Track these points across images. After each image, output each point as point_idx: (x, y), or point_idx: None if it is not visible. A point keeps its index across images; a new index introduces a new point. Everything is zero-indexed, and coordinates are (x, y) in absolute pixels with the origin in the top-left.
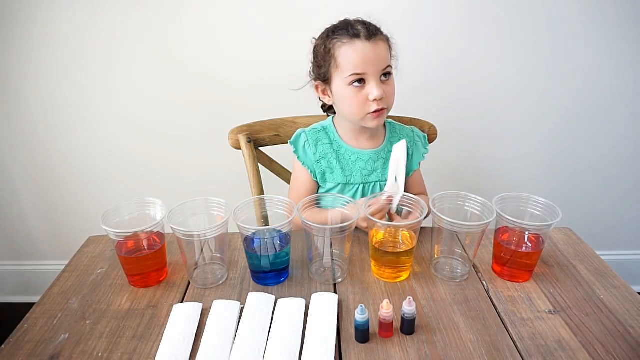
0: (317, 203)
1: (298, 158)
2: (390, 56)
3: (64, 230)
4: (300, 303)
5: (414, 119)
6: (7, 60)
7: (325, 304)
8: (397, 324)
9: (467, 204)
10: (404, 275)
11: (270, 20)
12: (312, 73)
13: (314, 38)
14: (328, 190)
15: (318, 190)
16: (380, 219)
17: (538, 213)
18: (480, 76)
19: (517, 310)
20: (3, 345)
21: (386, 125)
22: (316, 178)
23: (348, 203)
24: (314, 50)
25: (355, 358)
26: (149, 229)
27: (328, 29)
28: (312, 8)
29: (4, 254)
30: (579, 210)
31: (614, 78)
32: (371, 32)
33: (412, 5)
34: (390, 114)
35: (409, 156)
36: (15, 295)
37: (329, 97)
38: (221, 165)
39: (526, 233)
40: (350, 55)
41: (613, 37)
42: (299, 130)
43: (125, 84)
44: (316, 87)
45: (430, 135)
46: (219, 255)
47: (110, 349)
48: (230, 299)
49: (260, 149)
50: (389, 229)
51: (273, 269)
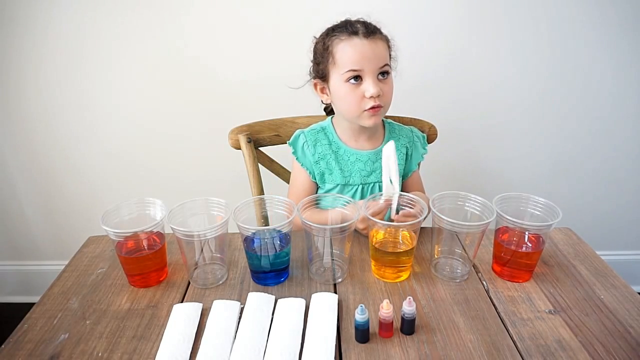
0: (317, 203)
1: (297, 159)
2: (390, 56)
3: (64, 230)
4: (300, 303)
5: (414, 119)
6: (8, 60)
7: (325, 304)
8: (397, 324)
9: (467, 204)
10: (404, 275)
11: (270, 20)
12: (312, 71)
13: (314, 37)
14: (327, 191)
15: (317, 191)
16: (382, 219)
17: (538, 213)
18: (481, 76)
19: (517, 310)
20: (3, 345)
21: (385, 126)
22: (315, 179)
23: (348, 203)
24: (314, 48)
25: (355, 358)
26: (149, 229)
27: (328, 27)
28: (312, 8)
29: (4, 254)
30: (579, 210)
31: (614, 78)
32: (370, 30)
33: (412, 5)
34: (390, 114)
35: (408, 157)
36: (15, 295)
37: (327, 95)
38: (221, 165)
39: (526, 233)
40: (347, 51)
41: (614, 37)
42: (297, 131)
43: (126, 84)
44: (315, 85)
45: (430, 135)
46: (219, 255)
47: (110, 349)
48: (230, 299)
49: (260, 149)
50: (389, 229)
51: (273, 269)
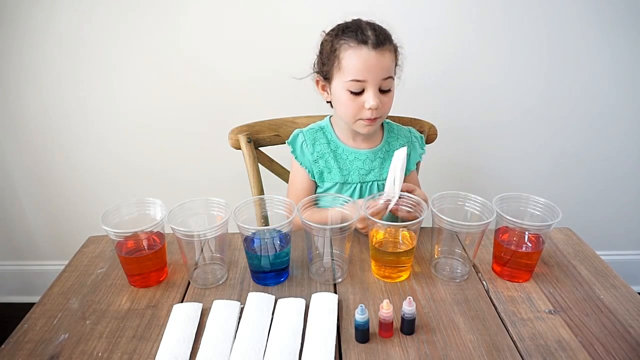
0: (316, 203)
1: (296, 158)
2: (396, 65)
3: (64, 230)
4: (300, 303)
5: (414, 119)
6: (8, 60)
7: (325, 304)
8: (397, 324)
9: (467, 204)
10: (404, 275)
11: (270, 20)
12: (316, 66)
13: (323, 31)
14: (326, 190)
15: (316, 190)
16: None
17: (538, 213)
18: (481, 76)
19: (517, 310)
20: (3, 345)
21: (384, 126)
22: (314, 178)
23: (347, 202)
24: (321, 45)
25: (355, 358)
26: (149, 229)
27: (339, 26)
28: (313, 8)
29: (4, 254)
30: (579, 210)
31: (614, 78)
32: (379, 41)
33: (412, 5)
34: (389, 114)
35: (407, 157)
36: (15, 295)
37: (327, 94)
38: (221, 165)
39: (526, 233)
40: (353, 60)
41: (614, 37)
42: (296, 131)
43: (126, 84)
44: (317, 82)
45: (430, 135)
46: (219, 255)
47: (110, 349)
48: (230, 299)
49: (260, 149)
50: (389, 229)
51: (273, 269)
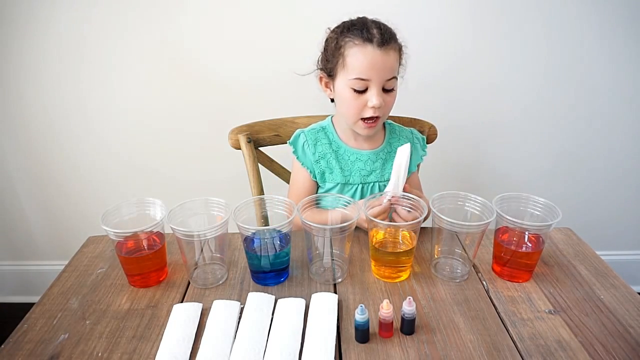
0: (317, 203)
1: (297, 158)
2: (399, 63)
3: (64, 230)
4: (300, 303)
5: (414, 119)
6: (8, 60)
7: (325, 304)
8: (397, 324)
9: (467, 204)
10: (404, 275)
11: (270, 20)
12: (320, 62)
13: (328, 28)
14: (327, 190)
15: (317, 191)
16: (384, 219)
17: (538, 213)
18: (481, 76)
19: (517, 310)
20: (3, 345)
21: (385, 126)
22: (315, 178)
23: (348, 203)
24: (326, 42)
25: (355, 358)
26: (149, 229)
27: (345, 23)
28: (313, 8)
29: (4, 254)
30: (579, 210)
31: (614, 78)
32: (384, 40)
33: (411, 5)
34: (390, 114)
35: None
36: (15, 295)
37: (330, 91)
38: (221, 165)
39: (526, 233)
40: (358, 58)
41: (615, 38)
42: (297, 131)
43: (126, 84)
44: (320, 79)
45: (430, 135)
46: (218, 255)
47: (110, 349)
48: (230, 299)
49: (260, 149)
50: (389, 229)
51: (273, 269)
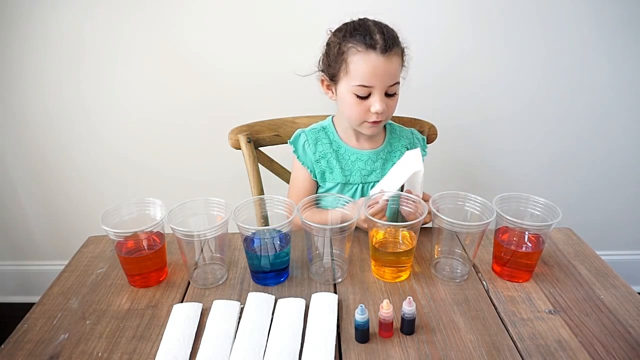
0: (317, 203)
1: (298, 158)
2: (402, 66)
3: (64, 230)
4: (300, 303)
5: (414, 119)
6: (8, 60)
7: (325, 304)
8: (397, 324)
9: (467, 204)
10: (404, 275)
11: (270, 20)
12: (321, 65)
13: (330, 30)
14: (327, 190)
15: (317, 190)
16: (381, 219)
17: (538, 213)
18: (481, 76)
19: (517, 310)
20: (3, 345)
21: (386, 127)
22: (316, 177)
23: (348, 203)
24: (327, 45)
25: (355, 358)
26: (149, 229)
27: (346, 27)
28: (313, 8)
29: (4, 254)
30: (579, 210)
31: (614, 77)
32: (387, 46)
33: (412, 5)
34: None
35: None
36: (15, 295)
37: (332, 94)
38: (221, 165)
39: (526, 233)
40: (361, 66)
41: (613, 37)
42: (298, 130)
43: (126, 84)
44: (322, 81)
45: (430, 135)
46: (218, 255)
47: (110, 349)
48: (230, 299)
49: (260, 149)
50: (389, 229)
51: (273, 269)
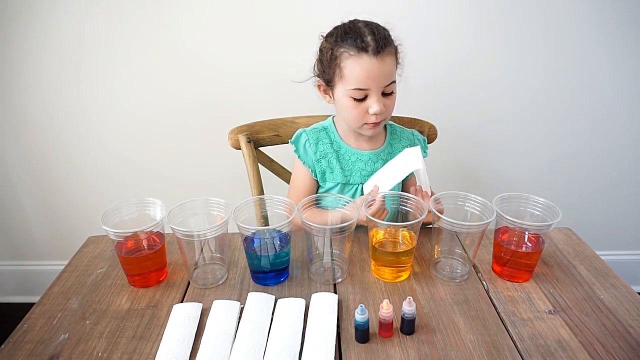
0: (317, 203)
1: (299, 157)
2: (396, 65)
3: (64, 230)
4: (300, 303)
5: (414, 119)
6: (8, 60)
7: (325, 304)
8: (397, 324)
9: (467, 204)
10: (404, 275)
11: (270, 20)
12: (316, 70)
13: (321, 35)
14: (327, 190)
15: (317, 190)
16: (380, 216)
17: (538, 213)
18: (480, 76)
19: (517, 310)
20: (3, 345)
21: (386, 127)
22: (316, 177)
23: (348, 203)
24: (320, 51)
25: (355, 358)
26: (149, 229)
27: (337, 31)
28: (313, 8)
29: (4, 254)
30: (579, 210)
31: (614, 77)
32: (379, 46)
33: (412, 5)
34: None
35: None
36: (15, 295)
37: (330, 98)
38: (221, 165)
39: (526, 233)
40: (355, 69)
41: (613, 37)
42: (299, 130)
43: (126, 85)
44: (318, 87)
45: (430, 135)
46: (218, 255)
47: (110, 349)
48: (230, 299)
49: (260, 149)
50: (389, 229)
51: (273, 269)
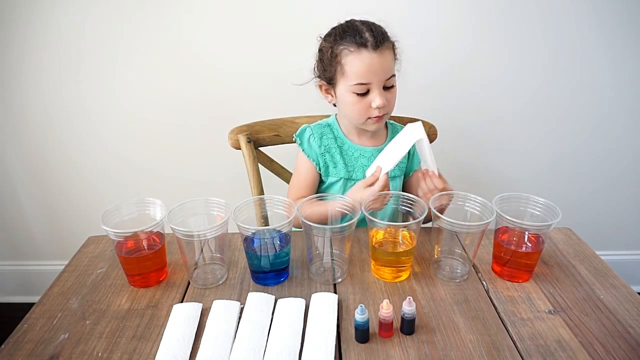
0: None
1: (303, 150)
2: (395, 59)
3: (64, 230)
4: (300, 303)
5: (414, 119)
6: (8, 60)
7: (325, 304)
8: (397, 324)
9: (467, 204)
10: (404, 275)
11: (270, 20)
12: (317, 71)
13: (320, 36)
14: (330, 185)
15: (319, 186)
16: (385, 198)
17: (538, 213)
18: (480, 76)
19: (517, 310)
20: (3, 345)
21: (388, 126)
22: (320, 170)
23: (347, 204)
24: (319, 51)
25: (355, 358)
26: (149, 229)
27: (335, 31)
28: (313, 8)
29: (4, 254)
30: (579, 210)
31: (614, 77)
32: (378, 41)
33: (412, 5)
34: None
35: (410, 156)
36: (15, 295)
37: (332, 97)
38: (221, 165)
39: (526, 233)
40: (356, 65)
41: (613, 37)
42: (303, 125)
43: (126, 85)
44: (320, 87)
45: (431, 135)
46: (218, 255)
47: (110, 349)
48: (230, 299)
49: (260, 149)
50: (389, 229)
51: (273, 269)
